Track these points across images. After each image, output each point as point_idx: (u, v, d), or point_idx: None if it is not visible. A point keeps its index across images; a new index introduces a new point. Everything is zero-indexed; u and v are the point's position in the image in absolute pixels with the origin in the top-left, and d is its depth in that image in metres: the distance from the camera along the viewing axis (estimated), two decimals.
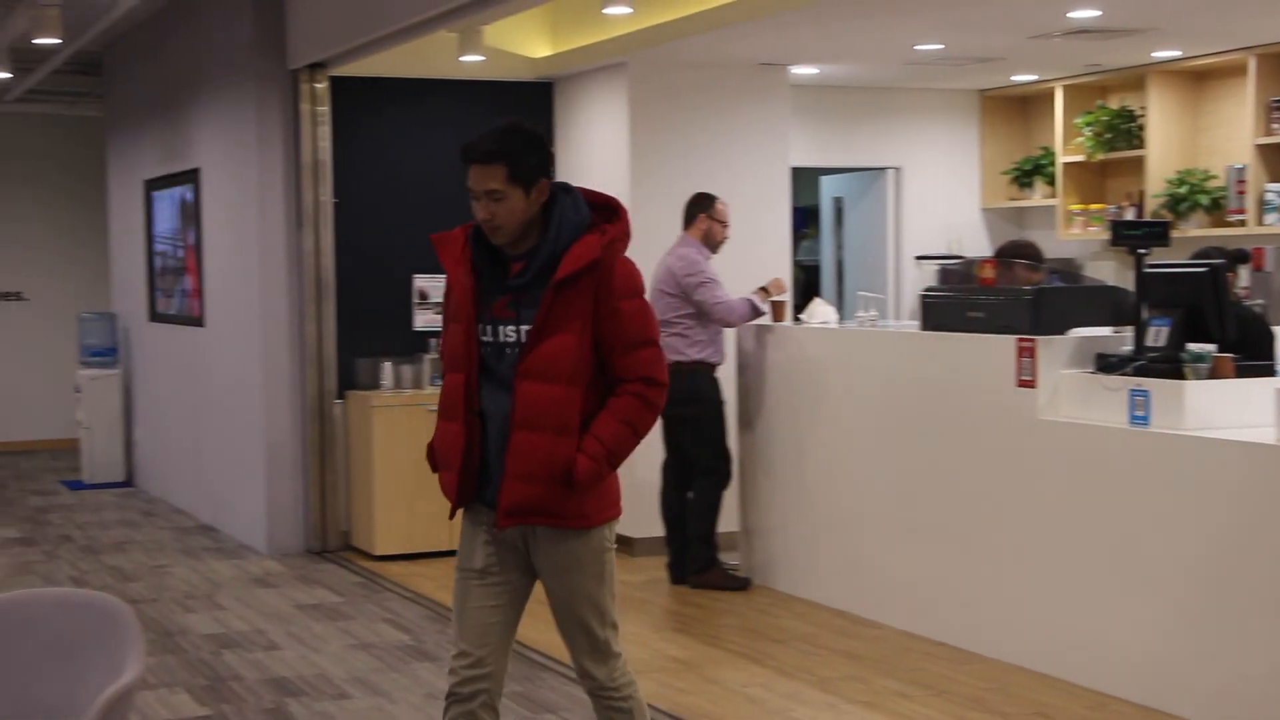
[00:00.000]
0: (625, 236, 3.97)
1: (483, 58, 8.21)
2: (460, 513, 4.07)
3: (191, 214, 10.25)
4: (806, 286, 10.83)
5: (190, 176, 10.23)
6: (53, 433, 14.06)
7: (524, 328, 3.85)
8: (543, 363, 3.81)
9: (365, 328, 9.01)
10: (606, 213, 4.00)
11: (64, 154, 14.33)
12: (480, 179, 3.85)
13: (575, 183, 8.35)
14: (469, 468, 3.91)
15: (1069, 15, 7.30)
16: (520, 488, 3.84)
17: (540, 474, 3.83)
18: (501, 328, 3.89)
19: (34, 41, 8.97)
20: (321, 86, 8.82)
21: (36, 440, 14.25)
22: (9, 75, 10.40)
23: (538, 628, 6.97)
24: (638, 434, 3.95)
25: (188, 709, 5.80)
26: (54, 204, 14.38)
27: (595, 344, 3.87)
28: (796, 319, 8.08)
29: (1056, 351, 6.13)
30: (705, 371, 7.75)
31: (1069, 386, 6.08)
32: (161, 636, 6.93)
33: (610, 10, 7.46)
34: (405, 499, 8.57)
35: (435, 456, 4.05)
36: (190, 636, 6.96)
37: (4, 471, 12.84)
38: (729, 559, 7.97)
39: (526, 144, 3.88)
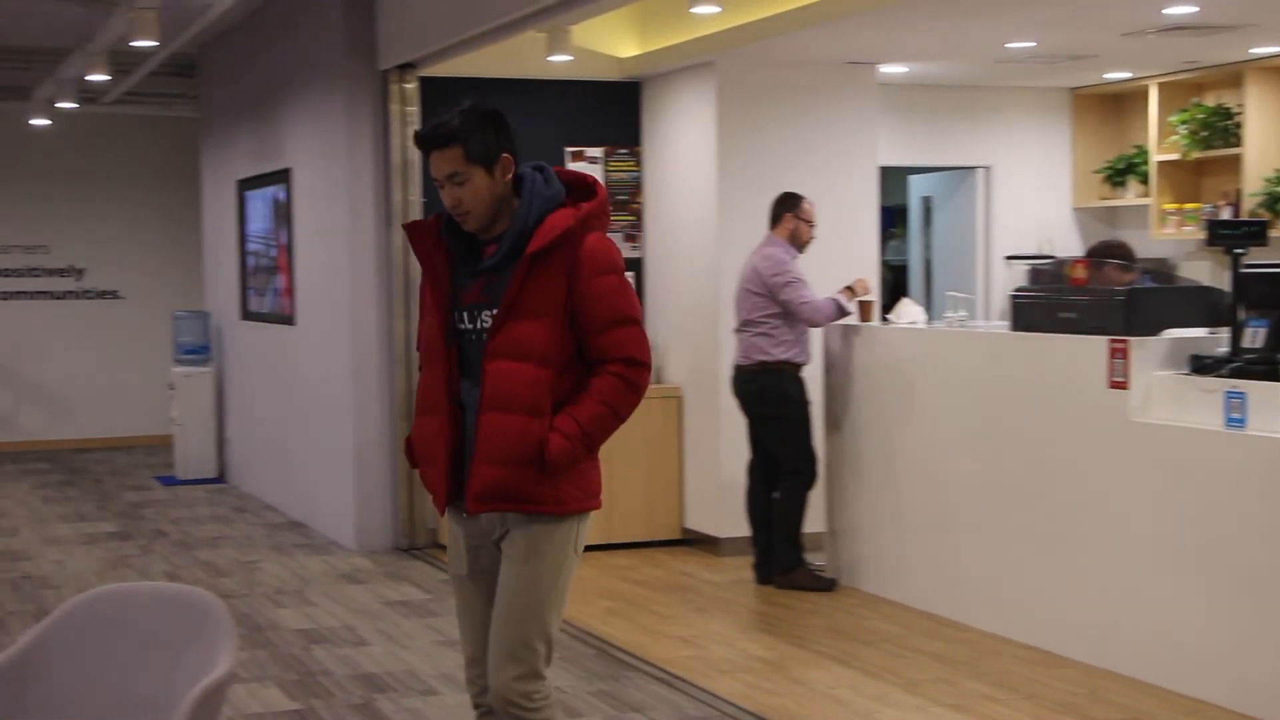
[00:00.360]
0: (602, 214, 3.79)
1: (570, 57, 8.24)
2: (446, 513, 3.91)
3: (283, 213, 10.38)
4: (894, 286, 10.76)
5: (282, 176, 10.35)
6: (148, 429, 14.28)
7: (495, 310, 3.70)
8: (512, 342, 3.66)
9: None
10: (584, 191, 3.83)
11: (159, 155, 14.55)
12: (439, 165, 3.71)
13: (663, 183, 8.26)
14: (455, 462, 3.75)
15: (1164, 11, 7.19)
16: (490, 471, 3.67)
17: (511, 456, 3.66)
18: (478, 313, 3.74)
19: (132, 44, 9.10)
20: (411, 87, 8.88)
21: (132, 436, 14.48)
22: (108, 77, 10.57)
23: (622, 626, 7.01)
24: (618, 416, 3.77)
25: (278, 703, 5.87)
26: (150, 204, 14.61)
27: (572, 324, 3.71)
28: (884, 319, 8.03)
29: (1150, 353, 6.05)
30: (791, 371, 7.73)
31: (1162, 388, 6.00)
32: (252, 631, 7.02)
33: (698, 9, 7.45)
34: None
35: (414, 452, 3.91)
36: (281, 631, 7.04)
37: (101, 467, 13.07)
38: (815, 559, 7.93)
39: (481, 122, 3.71)
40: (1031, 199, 10.11)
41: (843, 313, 7.66)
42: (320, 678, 6.23)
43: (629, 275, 9.45)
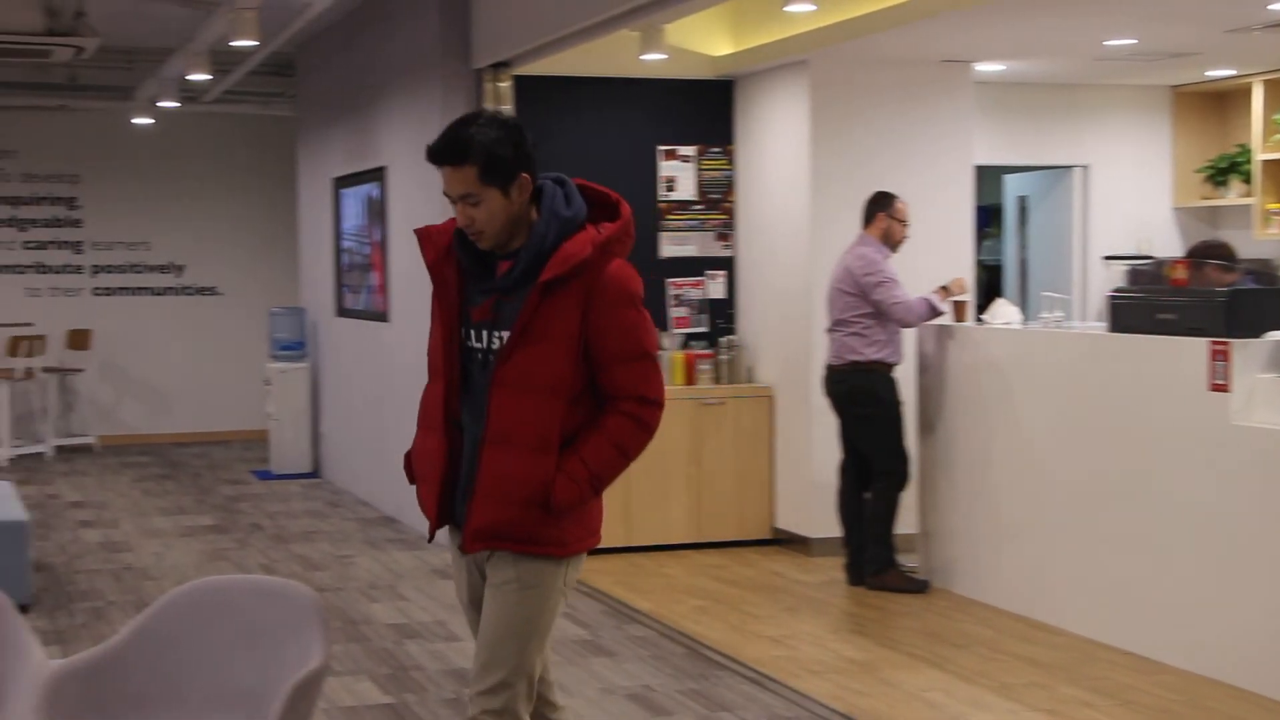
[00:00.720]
0: (626, 237, 3.53)
1: (664, 56, 8.23)
2: (447, 536, 3.73)
3: (377, 211, 10.47)
4: (988, 287, 10.66)
5: (376, 175, 10.44)
6: (244, 424, 14.48)
7: (505, 333, 3.48)
8: (520, 372, 3.44)
9: None
10: (607, 209, 3.59)
11: (257, 153, 14.75)
12: (451, 182, 3.45)
13: (755, 182, 8.20)
14: (448, 484, 3.57)
15: (1270, 7, 7.06)
16: (490, 509, 3.46)
17: (514, 495, 3.45)
18: (485, 332, 3.53)
19: (232, 44, 9.23)
20: (505, 85, 8.93)
21: (229, 431, 14.69)
22: (208, 77, 10.72)
23: (714, 626, 7.01)
24: (627, 457, 3.57)
25: (371, 696, 5.92)
26: (248, 202, 14.82)
27: (585, 355, 3.48)
28: (979, 319, 7.96)
29: (1252, 355, 5.95)
30: (883, 371, 7.68)
31: (1266, 391, 5.89)
32: (346, 625, 7.09)
33: (792, 8, 7.43)
34: None
35: (411, 468, 3.74)
36: (374, 626, 7.10)
37: (199, 461, 13.27)
38: (907, 561, 7.88)
39: (498, 139, 3.43)
40: (1130, 198, 9.98)
41: (935, 313, 7.60)
42: (413, 672, 6.28)
43: (721, 274, 9.48)
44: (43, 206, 14.35)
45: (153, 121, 13.64)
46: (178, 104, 12.45)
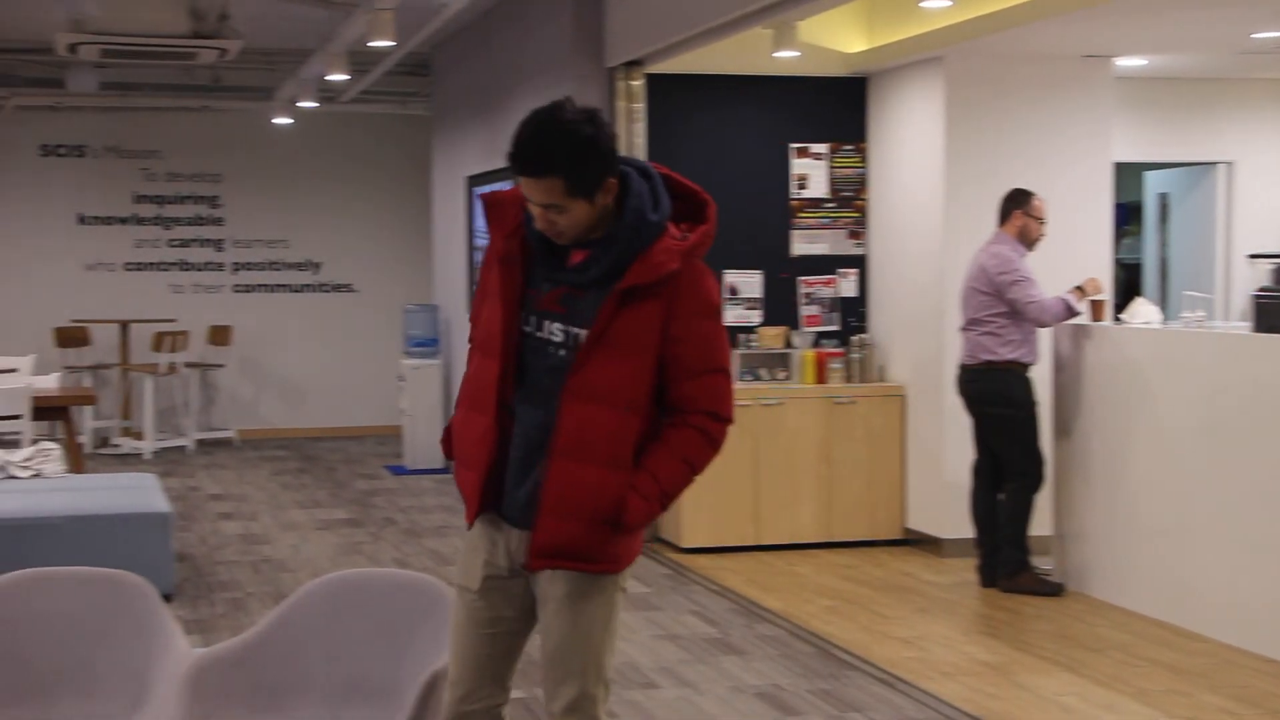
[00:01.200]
0: (709, 240, 3.34)
1: (797, 53, 8.20)
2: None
3: None
4: (1127, 286, 10.47)
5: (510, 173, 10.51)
6: (378, 419, 14.69)
7: (575, 330, 3.29)
8: (594, 383, 3.25)
9: None
10: (691, 206, 3.38)
11: (393, 152, 14.96)
12: (533, 190, 3.22)
13: (888, 180, 8.11)
14: (495, 471, 3.38)
15: None
16: (558, 526, 3.28)
17: (584, 512, 3.27)
18: (548, 323, 3.32)
19: (369, 44, 9.37)
20: (637, 84, 8.96)
21: (364, 426, 14.92)
22: (346, 77, 10.89)
23: (843, 625, 6.96)
24: (695, 472, 3.38)
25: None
26: (383, 200, 15.03)
27: (659, 365, 3.31)
28: (1117, 319, 7.82)
29: None
30: (1018, 371, 7.57)
31: None
32: None
33: (928, 4, 7.36)
34: (712, 493, 8.63)
35: (452, 445, 3.53)
36: None
37: (334, 455, 13.49)
38: (1041, 563, 7.77)
39: (585, 149, 3.20)
40: (1276, 195, 9.73)
41: (1071, 313, 7.48)
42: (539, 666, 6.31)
43: (853, 272, 9.42)
44: (186, 205, 14.69)
45: (292, 121, 13.90)
46: (316, 104, 12.67)
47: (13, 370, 12.24)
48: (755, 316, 9.14)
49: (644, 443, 3.33)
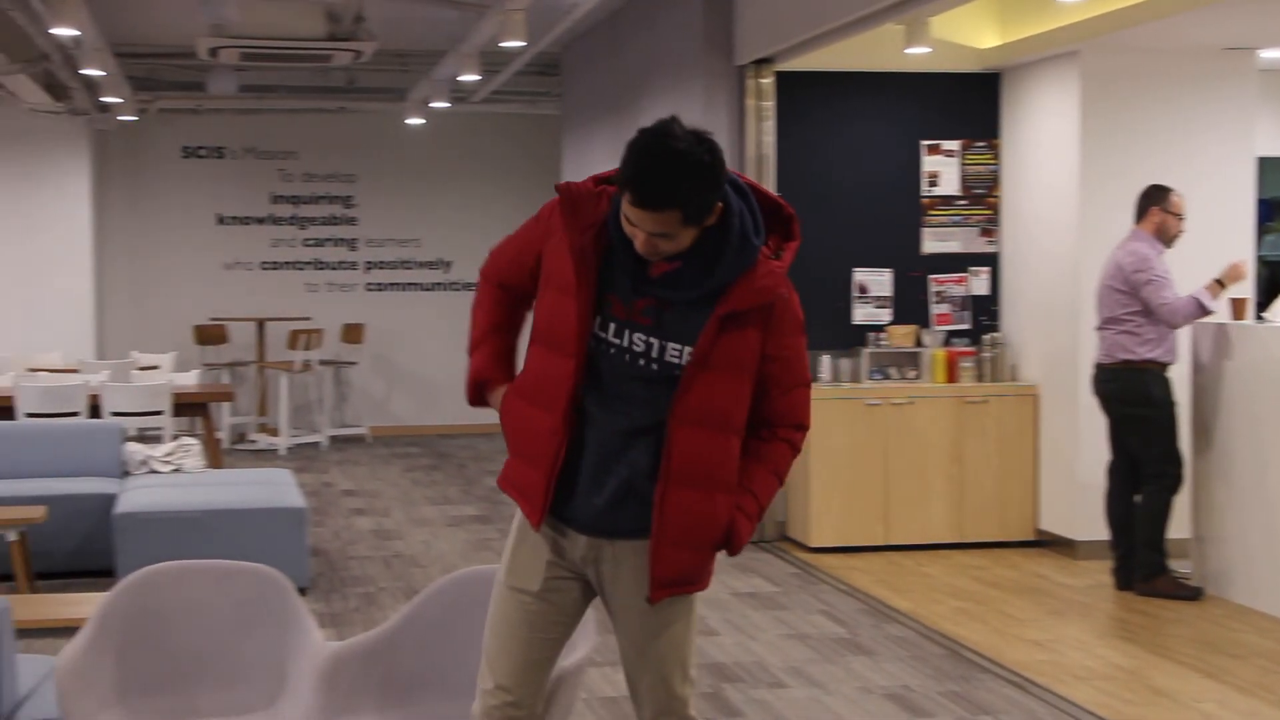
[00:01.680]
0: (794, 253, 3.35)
1: (929, 49, 8.12)
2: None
3: None
4: (1270, 283, 10.21)
5: None
6: None
7: (665, 344, 3.24)
8: (705, 408, 3.23)
9: (805, 320, 9.05)
10: (778, 220, 3.33)
11: (523, 151, 15.08)
12: (646, 220, 3.12)
13: (1022, 177, 7.99)
14: (560, 473, 3.33)
15: None
16: (679, 556, 3.29)
17: (704, 542, 3.30)
18: (631, 332, 3.26)
19: (501, 45, 9.45)
20: (767, 82, 8.93)
21: (494, 424, 14.78)
22: (478, 77, 11.00)
23: (973, 627, 6.88)
24: (783, 483, 3.42)
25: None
26: (513, 199, 15.13)
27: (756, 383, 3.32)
28: (1259, 317, 7.64)
29: None
30: (1156, 371, 7.43)
31: None
32: (605, 618, 7.16)
33: None
34: (841, 492, 8.59)
35: (482, 396, 3.64)
36: None
37: (464, 452, 13.64)
38: (1179, 567, 7.61)
39: (706, 180, 3.11)
40: None
41: (1204, 312, 7.32)
42: None
43: (984, 270, 9.33)
44: (321, 205, 14.95)
45: (423, 122, 14.07)
46: (448, 105, 12.81)
47: (154, 367, 12.55)
48: (885, 315, 9.07)
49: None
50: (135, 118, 13.74)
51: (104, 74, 10.49)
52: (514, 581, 3.42)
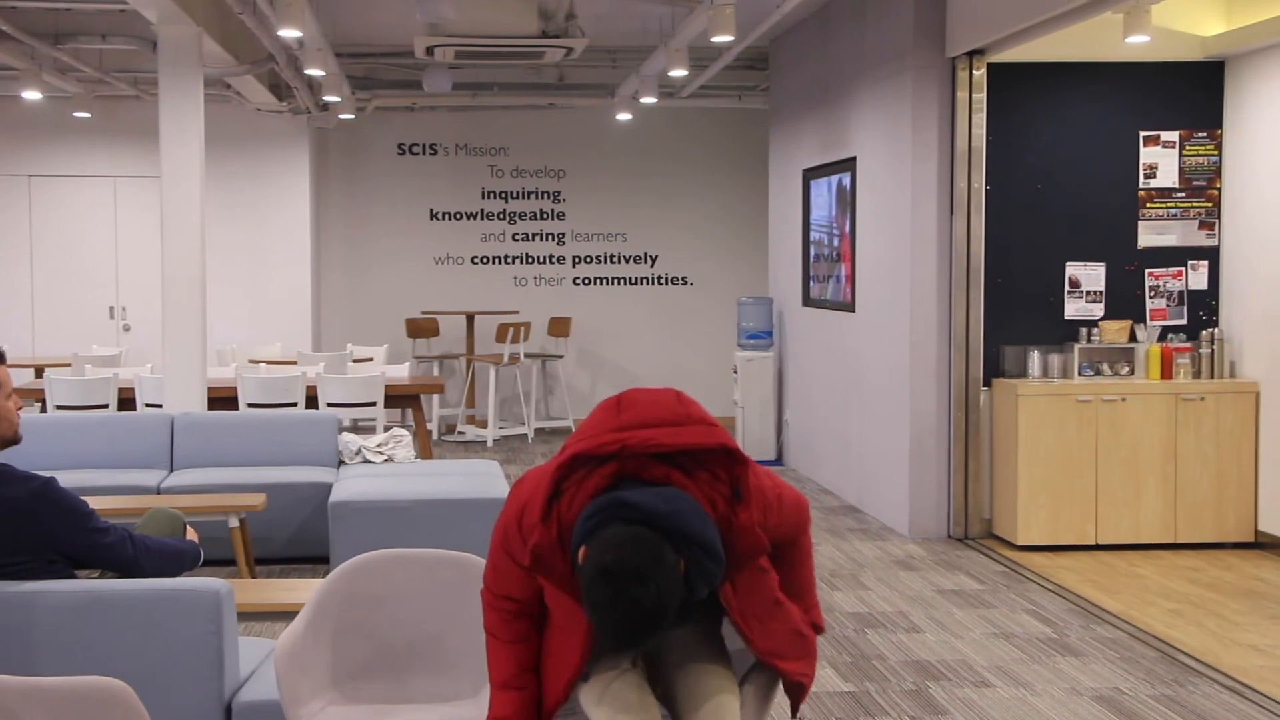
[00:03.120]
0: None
1: (1148, 38, 7.91)
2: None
3: (846, 201, 10.52)
4: None
5: (846, 165, 10.49)
6: (712, 410, 14.71)
7: None
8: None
9: (1014, 315, 8.93)
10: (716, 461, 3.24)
11: (729, 146, 15.11)
12: None
13: (1246, 168, 7.76)
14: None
15: None
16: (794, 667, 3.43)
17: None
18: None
19: (710, 40, 9.48)
20: (979, 73, 8.80)
21: None
22: (685, 72, 11.05)
23: (1188, 630, 6.69)
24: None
25: (833, 684, 5.97)
26: (719, 194, 15.20)
27: None
28: None
29: None
30: None
31: None
32: None
33: None
34: (1049, 490, 8.43)
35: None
36: (835, 614, 7.15)
37: None
38: None
39: (676, 599, 3.04)
40: None
41: None
42: (874, 661, 6.29)
43: (1203, 264, 9.08)
44: (530, 200, 15.18)
45: (631, 117, 14.19)
46: (656, 100, 12.89)
47: (368, 360, 12.90)
48: (1097, 310, 8.87)
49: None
50: (353, 116, 14.13)
51: (325, 74, 10.81)
52: (602, 670, 3.35)
